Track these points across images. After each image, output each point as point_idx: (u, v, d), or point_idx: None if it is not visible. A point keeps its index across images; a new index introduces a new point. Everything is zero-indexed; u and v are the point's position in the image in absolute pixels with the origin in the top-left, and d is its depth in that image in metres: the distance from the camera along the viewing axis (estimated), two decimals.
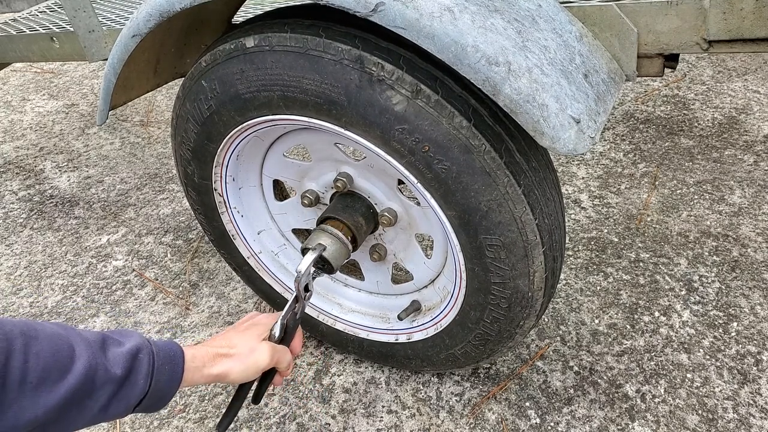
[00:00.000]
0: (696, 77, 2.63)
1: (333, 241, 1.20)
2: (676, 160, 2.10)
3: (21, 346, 0.70)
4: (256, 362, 1.00)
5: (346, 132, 1.04)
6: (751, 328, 1.47)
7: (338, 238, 1.20)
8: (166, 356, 0.86)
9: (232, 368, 0.96)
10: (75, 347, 0.76)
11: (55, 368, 0.72)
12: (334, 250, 1.20)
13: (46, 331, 0.75)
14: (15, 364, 0.69)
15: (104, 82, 1.26)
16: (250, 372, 1.00)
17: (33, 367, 0.70)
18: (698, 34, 0.99)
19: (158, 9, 1.08)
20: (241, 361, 0.98)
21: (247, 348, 0.99)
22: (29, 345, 0.71)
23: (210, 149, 1.24)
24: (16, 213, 2.25)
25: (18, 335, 0.71)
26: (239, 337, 1.01)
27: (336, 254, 1.20)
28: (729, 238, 1.74)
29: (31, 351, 0.71)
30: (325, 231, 1.21)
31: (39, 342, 0.73)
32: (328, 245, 1.19)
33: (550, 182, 1.10)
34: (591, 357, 1.45)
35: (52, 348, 0.73)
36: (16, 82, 3.41)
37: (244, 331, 1.04)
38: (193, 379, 0.91)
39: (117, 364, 0.79)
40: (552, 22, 1.01)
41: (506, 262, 1.05)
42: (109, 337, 0.82)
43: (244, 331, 1.04)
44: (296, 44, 1.00)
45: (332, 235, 1.21)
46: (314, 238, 1.21)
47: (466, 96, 0.97)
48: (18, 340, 0.70)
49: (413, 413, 1.36)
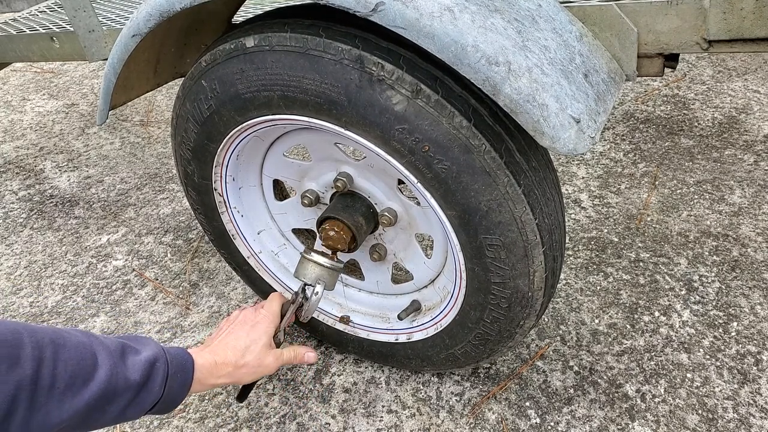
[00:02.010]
0: (696, 77, 2.63)
1: (329, 273, 1.24)
2: (676, 159, 2.10)
3: (51, 354, 0.75)
4: (263, 373, 1.10)
5: (346, 132, 1.04)
6: (751, 328, 1.47)
7: (331, 268, 1.24)
8: (179, 365, 0.93)
9: (240, 379, 1.06)
10: (98, 355, 0.81)
11: (80, 375, 0.77)
12: (330, 279, 1.25)
13: (72, 339, 0.79)
14: (45, 371, 0.73)
15: (104, 81, 1.26)
16: (256, 378, 1.11)
17: (61, 374, 0.75)
18: (698, 33, 0.99)
19: (158, 9, 1.08)
20: (249, 373, 1.07)
21: (256, 362, 1.08)
22: (58, 353, 0.76)
23: (210, 149, 1.24)
24: (16, 213, 2.25)
25: (48, 343, 0.75)
26: (247, 348, 1.08)
27: (333, 281, 1.26)
28: (729, 238, 1.74)
29: (60, 359, 0.75)
30: (317, 263, 1.24)
31: (67, 350, 0.77)
32: (326, 280, 1.24)
33: (550, 182, 1.10)
34: (591, 357, 1.45)
35: (77, 356, 0.78)
36: (16, 82, 3.41)
37: (248, 333, 1.10)
38: (201, 388, 0.99)
39: (136, 372, 0.84)
40: (552, 21, 1.01)
41: (506, 261, 1.05)
42: (127, 346, 0.87)
43: (248, 335, 1.09)
44: (296, 44, 1.00)
45: (324, 266, 1.23)
46: (309, 272, 1.23)
47: (466, 96, 0.97)
48: (48, 348, 0.75)
49: (413, 413, 1.36)
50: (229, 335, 1.10)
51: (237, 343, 1.07)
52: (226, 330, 1.13)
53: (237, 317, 1.17)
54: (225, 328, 1.15)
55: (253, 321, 1.13)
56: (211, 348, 1.06)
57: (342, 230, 1.22)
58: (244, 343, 1.08)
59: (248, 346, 1.08)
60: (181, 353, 0.95)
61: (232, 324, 1.15)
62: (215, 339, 1.11)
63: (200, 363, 0.97)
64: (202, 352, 1.02)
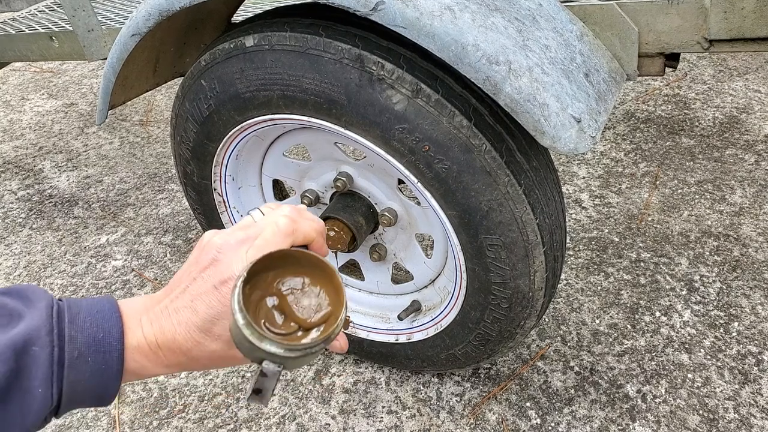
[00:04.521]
0: (697, 76, 2.63)
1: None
2: (677, 159, 2.10)
3: None
4: (237, 363, 0.63)
5: (346, 131, 1.04)
6: (752, 328, 1.47)
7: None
8: (89, 343, 0.55)
9: (204, 368, 0.63)
10: None
11: None
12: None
13: None
14: None
15: (103, 81, 1.26)
16: (228, 366, 0.65)
17: None
18: (699, 33, 0.98)
19: (158, 8, 1.07)
20: (214, 363, 0.62)
21: (225, 347, 0.59)
22: None
23: (209, 149, 1.24)
24: (15, 213, 2.25)
25: None
26: (213, 323, 0.57)
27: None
28: (730, 238, 1.74)
29: None
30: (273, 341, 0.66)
31: None
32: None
33: (551, 182, 1.09)
34: (592, 357, 1.44)
35: None
36: (15, 82, 3.41)
37: (218, 291, 0.58)
38: (138, 379, 0.61)
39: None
40: (553, 21, 1.00)
41: (507, 262, 1.04)
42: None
43: (219, 297, 0.57)
44: (296, 43, 1.00)
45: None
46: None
47: (467, 95, 0.97)
48: None
49: (413, 414, 1.36)
50: (189, 291, 0.59)
51: (195, 317, 0.57)
52: (190, 277, 0.60)
53: (209, 251, 0.60)
54: (192, 271, 0.61)
55: (230, 271, 0.58)
56: (160, 311, 0.59)
57: (342, 230, 1.22)
58: (209, 314, 0.57)
59: (214, 319, 0.57)
60: (99, 322, 0.56)
61: (199, 265, 0.60)
62: (173, 290, 0.61)
63: (134, 344, 0.57)
64: (147, 317, 0.58)
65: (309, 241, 0.64)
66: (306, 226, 0.63)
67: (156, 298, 0.61)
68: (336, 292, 0.59)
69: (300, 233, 0.62)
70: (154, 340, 0.57)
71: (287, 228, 0.61)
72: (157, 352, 0.58)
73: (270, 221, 0.61)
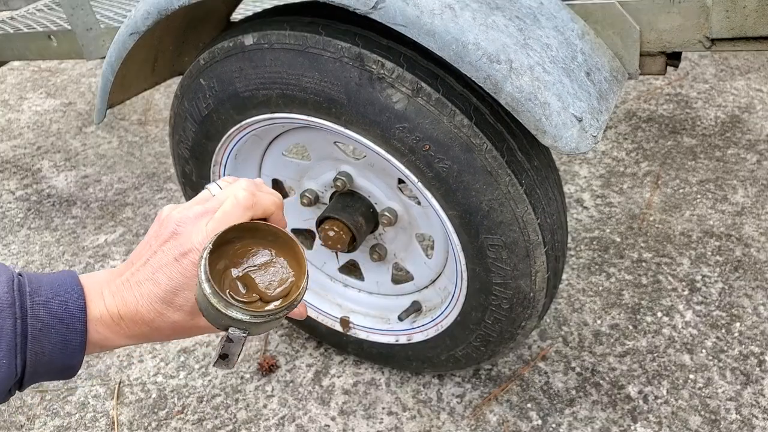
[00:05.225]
0: (698, 75, 2.62)
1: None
2: (679, 159, 2.09)
3: None
4: (202, 332, 0.64)
5: (345, 130, 1.03)
6: (754, 329, 1.46)
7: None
8: (52, 314, 0.56)
9: (166, 339, 0.65)
10: None
11: None
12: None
13: None
14: None
15: (102, 80, 1.25)
16: (192, 336, 0.66)
17: None
18: (701, 32, 0.98)
19: (156, 7, 1.06)
20: (177, 334, 0.63)
21: (187, 317, 0.60)
22: None
23: (208, 148, 1.23)
24: (14, 212, 2.24)
25: None
26: (175, 294, 0.59)
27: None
28: (732, 238, 1.73)
29: None
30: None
31: None
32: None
33: (552, 181, 1.09)
34: (593, 358, 1.43)
35: None
36: (13, 81, 3.40)
37: (179, 263, 0.59)
38: (101, 350, 0.62)
39: None
40: (554, 19, 1.00)
41: (508, 262, 1.04)
42: None
43: (179, 269, 0.59)
44: (295, 42, 0.99)
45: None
46: None
47: (467, 94, 0.96)
48: None
49: (414, 415, 1.35)
50: (150, 264, 0.60)
51: (157, 288, 0.58)
52: (151, 250, 0.61)
53: (168, 225, 0.61)
54: (152, 244, 0.62)
55: (190, 244, 0.59)
56: (122, 283, 0.60)
57: (342, 230, 1.21)
58: (170, 285, 0.58)
59: (176, 290, 0.58)
60: (61, 295, 0.57)
61: (159, 239, 0.61)
62: (134, 263, 0.62)
63: (96, 316, 0.58)
64: (108, 290, 0.59)
65: (268, 214, 0.65)
66: (265, 199, 0.64)
67: (117, 271, 0.62)
68: (298, 262, 0.61)
69: (259, 206, 0.63)
70: (117, 311, 0.58)
71: (247, 201, 0.62)
72: (120, 323, 0.59)
73: (229, 194, 0.62)
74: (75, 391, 1.50)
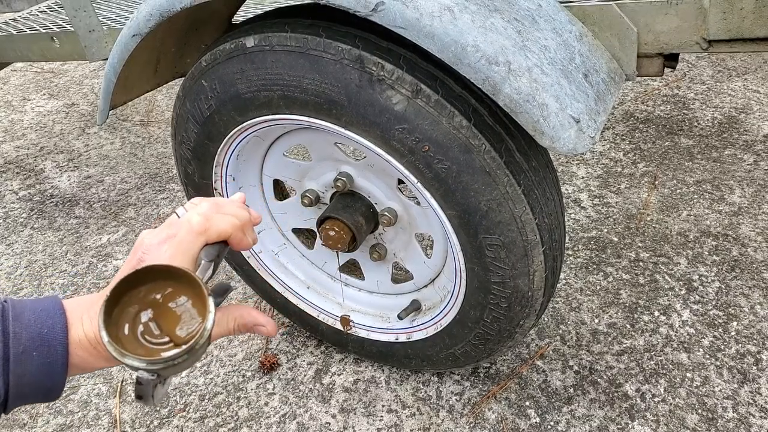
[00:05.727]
0: (696, 77, 2.63)
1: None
2: (676, 159, 2.10)
3: None
4: None
5: (346, 132, 1.04)
6: (751, 328, 1.47)
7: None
8: (34, 337, 0.58)
9: None
10: None
11: None
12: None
13: None
14: None
15: (104, 81, 1.26)
16: None
17: None
18: (698, 33, 0.99)
19: (159, 8, 1.08)
20: None
21: None
22: None
23: (210, 149, 1.24)
24: (17, 213, 2.26)
25: None
26: None
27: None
28: (729, 238, 1.74)
29: None
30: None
31: None
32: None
33: (550, 182, 1.10)
34: (591, 356, 1.45)
35: None
36: (16, 82, 3.41)
37: None
38: (81, 372, 0.64)
39: None
40: (552, 21, 1.01)
41: (506, 261, 1.05)
42: None
43: None
44: (296, 44, 1.00)
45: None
46: None
47: (466, 95, 0.97)
48: None
49: (413, 412, 1.37)
50: None
51: None
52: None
53: (137, 251, 0.64)
54: (125, 271, 0.63)
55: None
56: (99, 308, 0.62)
57: (342, 230, 1.22)
58: None
59: None
60: (43, 319, 0.59)
61: (129, 265, 0.64)
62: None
63: (76, 340, 0.59)
64: (87, 315, 0.61)
65: (225, 236, 0.65)
66: (221, 222, 0.65)
67: (97, 296, 0.64)
68: (202, 303, 0.59)
69: (213, 230, 0.64)
70: (93, 336, 0.60)
71: (200, 226, 0.63)
72: (96, 347, 0.60)
73: (185, 220, 0.64)
74: (78, 389, 1.51)
